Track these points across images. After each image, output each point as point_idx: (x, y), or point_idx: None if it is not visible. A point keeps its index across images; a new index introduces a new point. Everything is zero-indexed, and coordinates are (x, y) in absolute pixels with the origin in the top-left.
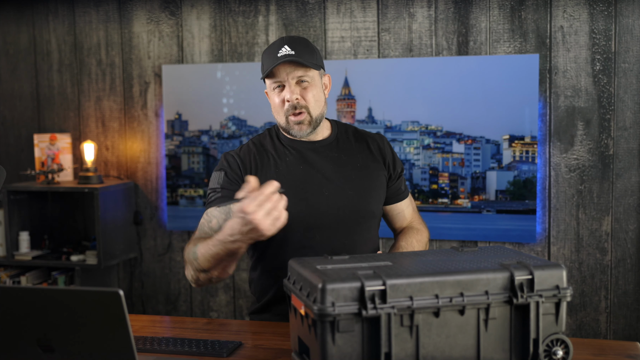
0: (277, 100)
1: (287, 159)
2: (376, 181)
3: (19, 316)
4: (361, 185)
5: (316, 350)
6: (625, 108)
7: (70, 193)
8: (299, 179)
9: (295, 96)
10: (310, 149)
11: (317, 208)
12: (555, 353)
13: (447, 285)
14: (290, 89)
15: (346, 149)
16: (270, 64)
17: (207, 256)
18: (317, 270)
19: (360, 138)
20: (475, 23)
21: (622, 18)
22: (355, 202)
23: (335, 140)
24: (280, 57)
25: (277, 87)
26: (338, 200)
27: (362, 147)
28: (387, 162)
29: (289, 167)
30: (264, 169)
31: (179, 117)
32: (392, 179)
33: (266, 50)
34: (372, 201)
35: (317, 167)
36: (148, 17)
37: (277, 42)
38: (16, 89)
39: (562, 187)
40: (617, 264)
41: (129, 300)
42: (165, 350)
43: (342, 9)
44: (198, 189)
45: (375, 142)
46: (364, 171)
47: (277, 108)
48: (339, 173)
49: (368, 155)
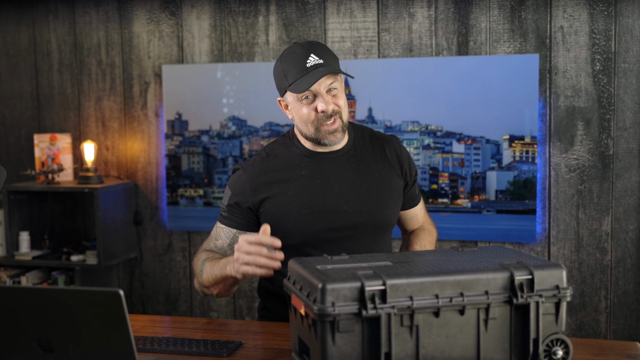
0: (306, 110)
1: (303, 172)
2: (394, 191)
3: (19, 316)
4: (380, 197)
5: (316, 350)
6: (625, 108)
7: (71, 193)
8: (315, 195)
9: (331, 106)
10: (328, 159)
11: (335, 223)
12: (555, 353)
13: (447, 285)
14: (324, 99)
15: (364, 158)
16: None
17: (210, 276)
18: (317, 270)
19: (377, 143)
20: (475, 23)
21: (622, 18)
22: (375, 215)
23: (352, 149)
24: (312, 68)
25: (306, 97)
26: (357, 215)
27: (379, 154)
28: (404, 169)
29: (305, 182)
30: (278, 186)
31: (179, 117)
32: (408, 185)
33: (287, 59)
34: (390, 212)
35: (335, 180)
36: (148, 17)
37: (299, 51)
38: (16, 89)
39: (562, 187)
40: (617, 264)
41: (129, 300)
42: (165, 350)
43: (342, 9)
44: (198, 189)
45: (392, 147)
46: (381, 181)
47: (306, 119)
48: (357, 186)
49: (385, 163)
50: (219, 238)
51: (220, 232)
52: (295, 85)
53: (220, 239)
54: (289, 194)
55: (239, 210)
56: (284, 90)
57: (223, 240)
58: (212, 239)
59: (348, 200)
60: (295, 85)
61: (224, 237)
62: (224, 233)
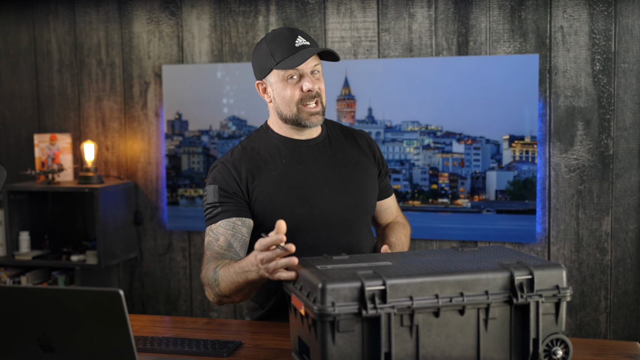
0: (290, 91)
1: (283, 160)
2: (371, 176)
3: (19, 316)
4: (359, 180)
5: (316, 350)
6: (625, 108)
7: (71, 193)
8: (298, 180)
9: (317, 86)
10: (305, 147)
11: (320, 207)
12: (555, 353)
13: (447, 285)
14: (310, 79)
15: (339, 146)
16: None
17: (229, 283)
18: (317, 270)
19: (348, 134)
20: (475, 23)
21: (622, 18)
22: (356, 197)
23: (327, 138)
24: (300, 48)
25: (291, 77)
26: (340, 198)
27: (352, 144)
28: (377, 158)
29: (286, 169)
30: (260, 174)
31: (179, 117)
32: (381, 174)
33: (273, 40)
34: (370, 195)
35: (315, 166)
36: (148, 17)
37: (286, 33)
38: (16, 89)
39: (562, 187)
40: (617, 264)
41: (129, 300)
42: (165, 350)
43: (342, 9)
44: (198, 189)
45: (363, 138)
46: (359, 167)
47: (289, 99)
48: (336, 170)
49: (359, 151)
50: (219, 236)
51: (218, 229)
52: (284, 62)
53: (222, 236)
54: (274, 181)
55: (229, 199)
56: (268, 70)
57: (225, 236)
58: (212, 244)
59: (330, 184)
60: (284, 63)
61: (224, 232)
62: (223, 227)
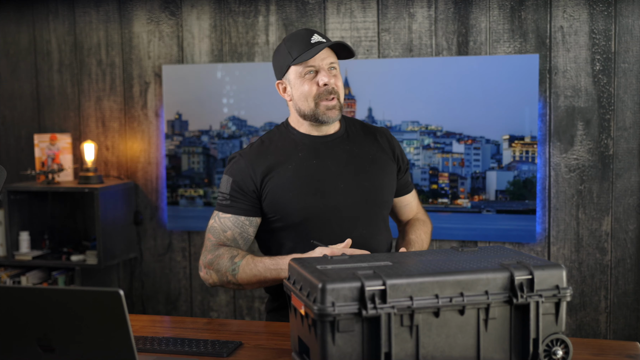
0: (308, 86)
1: (300, 154)
2: (388, 173)
3: (19, 316)
4: (375, 176)
5: (316, 350)
6: (625, 108)
7: (71, 193)
8: (312, 174)
9: (332, 80)
10: (323, 143)
11: (333, 201)
12: (555, 353)
13: (447, 285)
14: (326, 73)
15: (357, 142)
16: (311, 49)
17: (251, 276)
18: (317, 270)
19: (368, 131)
20: (475, 23)
21: (622, 18)
22: (371, 193)
23: (345, 134)
24: (316, 44)
25: (309, 72)
26: (354, 192)
27: (371, 140)
28: (397, 155)
29: (301, 163)
30: (276, 167)
31: (179, 117)
32: (401, 171)
33: (290, 39)
34: (386, 192)
35: (331, 160)
36: (148, 17)
37: (303, 32)
38: (16, 89)
39: (562, 187)
40: (617, 264)
41: (129, 300)
42: (165, 350)
43: (342, 9)
44: (198, 189)
45: (383, 135)
46: (376, 163)
47: (307, 94)
48: (352, 165)
49: (378, 147)
50: (227, 229)
51: (226, 221)
52: (301, 57)
53: (229, 230)
54: (289, 174)
55: (242, 196)
56: (287, 67)
57: (232, 231)
58: (218, 231)
59: (344, 178)
60: (301, 57)
61: (233, 227)
62: (231, 222)
